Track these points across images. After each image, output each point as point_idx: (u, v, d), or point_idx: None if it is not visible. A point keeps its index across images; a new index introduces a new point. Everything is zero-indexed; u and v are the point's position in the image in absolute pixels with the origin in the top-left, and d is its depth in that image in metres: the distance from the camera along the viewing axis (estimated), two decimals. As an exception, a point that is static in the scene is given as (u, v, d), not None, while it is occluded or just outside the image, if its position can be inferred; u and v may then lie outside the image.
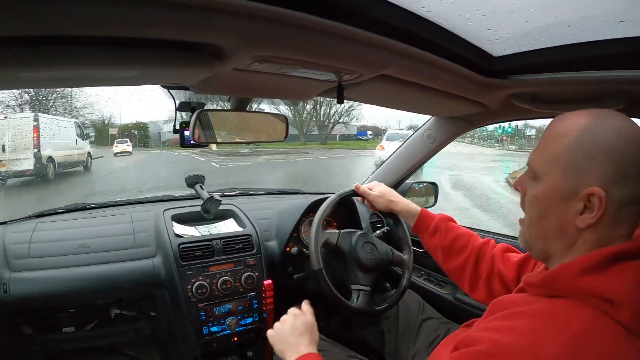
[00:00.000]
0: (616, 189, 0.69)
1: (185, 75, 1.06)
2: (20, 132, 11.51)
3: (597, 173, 0.70)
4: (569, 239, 0.75)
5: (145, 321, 1.85)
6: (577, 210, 0.72)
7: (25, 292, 1.50)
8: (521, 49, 1.12)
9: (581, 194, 0.71)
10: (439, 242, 1.39)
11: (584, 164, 0.71)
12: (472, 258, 1.31)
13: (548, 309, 0.71)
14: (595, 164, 0.70)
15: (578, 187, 0.72)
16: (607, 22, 0.91)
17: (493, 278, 1.24)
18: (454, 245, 1.36)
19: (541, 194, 0.78)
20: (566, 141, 0.74)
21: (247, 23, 0.73)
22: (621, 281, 0.68)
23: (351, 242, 1.58)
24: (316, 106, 31.06)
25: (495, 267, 1.24)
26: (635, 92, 1.10)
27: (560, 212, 0.75)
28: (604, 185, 0.69)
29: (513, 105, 1.36)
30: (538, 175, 0.79)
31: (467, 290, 1.33)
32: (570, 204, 0.73)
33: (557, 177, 0.75)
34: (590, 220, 0.71)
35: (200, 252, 1.72)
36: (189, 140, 1.27)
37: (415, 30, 0.94)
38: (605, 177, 0.70)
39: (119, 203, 2.10)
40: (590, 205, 0.71)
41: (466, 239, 1.36)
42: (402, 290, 1.61)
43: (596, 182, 0.70)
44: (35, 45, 0.71)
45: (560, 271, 0.73)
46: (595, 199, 0.70)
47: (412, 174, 2.16)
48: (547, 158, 0.77)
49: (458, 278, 1.35)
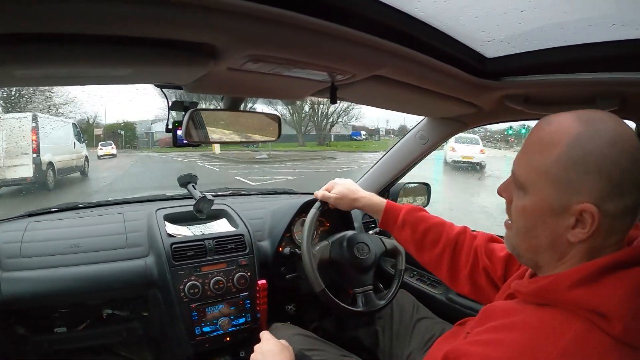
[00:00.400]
0: (610, 203, 0.67)
1: (179, 75, 1.05)
2: (15, 133, 10.20)
3: (589, 188, 0.67)
4: (560, 252, 0.74)
5: (137, 321, 1.84)
6: (568, 225, 0.70)
7: (17, 291, 1.49)
8: (514, 51, 1.13)
9: (573, 210, 0.69)
10: (409, 236, 1.34)
11: (576, 178, 0.68)
12: (448, 250, 1.27)
13: (539, 321, 0.70)
14: (587, 178, 0.67)
15: (569, 202, 0.69)
16: (599, 24, 0.91)
17: (478, 273, 1.20)
18: (426, 237, 1.31)
19: (529, 207, 0.75)
20: (555, 152, 0.70)
21: (241, 22, 0.72)
22: (613, 293, 0.66)
23: (343, 248, 1.59)
24: (314, 105, 29.86)
25: (480, 262, 1.19)
26: (627, 93, 1.11)
27: (550, 227, 0.73)
28: (597, 201, 0.66)
29: (506, 106, 1.37)
30: (524, 186, 0.75)
31: (447, 283, 1.30)
32: (561, 219, 0.71)
33: (547, 191, 0.71)
34: (583, 236, 0.69)
35: (193, 252, 1.71)
36: (181, 140, 1.27)
37: (409, 31, 0.94)
38: (598, 192, 0.66)
39: (110, 202, 2.09)
40: (583, 220, 0.68)
41: (439, 230, 1.30)
42: (400, 276, 1.65)
43: (589, 198, 0.67)
44: (28, 43, 0.70)
45: (552, 283, 0.72)
46: (587, 214, 0.67)
47: (405, 174, 2.15)
48: (534, 168, 0.73)
49: (435, 270, 1.32)
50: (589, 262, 0.70)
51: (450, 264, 1.26)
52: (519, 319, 0.73)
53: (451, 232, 1.29)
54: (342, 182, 1.54)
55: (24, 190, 10.33)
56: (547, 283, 0.73)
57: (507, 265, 1.12)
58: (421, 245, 1.32)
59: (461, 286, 1.25)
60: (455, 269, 1.25)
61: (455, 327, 1.12)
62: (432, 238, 1.30)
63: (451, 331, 1.12)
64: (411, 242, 1.35)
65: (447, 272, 1.27)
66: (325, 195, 1.53)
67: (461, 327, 1.06)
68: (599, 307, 0.66)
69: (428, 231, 1.31)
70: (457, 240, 1.27)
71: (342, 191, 1.50)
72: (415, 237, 1.33)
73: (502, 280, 1.11)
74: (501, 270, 1.13)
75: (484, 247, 1.20)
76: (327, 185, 1.56)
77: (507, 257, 1.13)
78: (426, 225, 1.32)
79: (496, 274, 1.15)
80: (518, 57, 1.13)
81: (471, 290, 1.22)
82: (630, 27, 0.89)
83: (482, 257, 1.19)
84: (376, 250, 1.63)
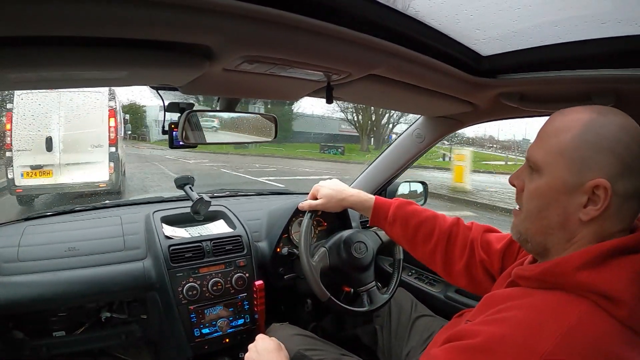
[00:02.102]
0: (620, 182, 0.69)
1: (175, 76, 1.05)
2: (83, 117, 7.01)
3: (602, 166, 0.70)
4: (570, 232, 0.75)
5: (136, 324, 1.84)
6: (580, 203, 0.72)
7: (15, 296, 1.48)
8: (509, 49, 1.13)
9: (586, 186, 0.71)
10: (401, 232, 1.33)
11: (589, 157, 0.71)
12: (441, 243, 1.25)
13: (544, 302, 0.71)
14: (600, 156, 0.70)
15: (583, 180, 0.71)
16: (594, 21, 0.92)
17: (474, 267, 1.19)
18: (418, 232, 1.29)
19: (544, 187, 0.77)
20: (570, 134, 0.74)
21: (236, 23, 0.73)
22: (619, 277, 0.68)
23: (341, 252, 1.59)
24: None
25: (477, 255, 1.18)
26: (623, 90, 1.11)
27: (563, 205, 0.75)
28: (609, 178, 0.69)
29: (502, 104, 1.37)
30: (540, 167, 0.78)
31: (443, 276, 1.28)
32: (574, 197, 0.73)
33: (562, 170, 0.74)
34: (594, 213, 0.71)
35: (191, 254, 1.71)
36: (177, 142, 1.27)
37: (404, 29, 0.94)
38: (610, 170, 0.70)
39: (107, 205, 2.08)
40: (594, 198, 0.71)
41: (431, 223, 1.28)
42: (400, 265, 1.67)
43: (601, 175, 0.70)
44: (23, 47, 0.70)
45: (558, 265, 0.73)
46: (600, 191, 0.70)
47: (401, 173, 2.16)
48: (550, 151, 0.76)
49: (430, 264, 1.30)
50: (595, 245, 0.72)
51: (444, 257, 1.25)
52: (524, 301, 0.73)
53: (444, 225, 1.27)
54: (327, 183, 1.51)
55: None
56: (552, 265, 0.74)
57: (505, 257, 1.12)
58: (414, 241, 1.31)
59: (457, 279, 1.24)
60: (450, 262, 1.24)
61: (453, 319, 1.12)
62: (425, 232, 1.28)
63: (450, 323, 1.12)
64: (403, 238, 1.34)
65: (441, 266, 1.26)
66: (311, 205, 1.51)
67: (460, 318, 1.06)
68: (606, 290, 0.67)
69: (420, 226, 1.29)
70: (450, 232, 1.26)
71: (329, 193, 1.47)
72: (407, 233, 1.31)
73: (499, 273, 1.11)
74: (498, 263, 1.13)
75: (480, 239, 1.20)
76: (312, 191, 1.53)
77: (504, 249, 1.13)
78: (418, 220, 1.30)
79: (493, 267, 1.14)
80: (513, 54, 1.13)
81: (468, 284, 1.22)
82: (624, 24, 0.90)
83: (478, 250, 1.19)
84: (373, 245, 1.63)
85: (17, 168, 6.78)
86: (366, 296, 1.58)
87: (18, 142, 6.72)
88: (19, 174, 6.78)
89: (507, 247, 1.12)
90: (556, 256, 0.77)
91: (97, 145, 7.18)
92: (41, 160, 6.88)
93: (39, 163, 6.88)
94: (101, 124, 7.19)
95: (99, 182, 7.20)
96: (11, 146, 6.73)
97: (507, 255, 1.12)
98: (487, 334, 0.70)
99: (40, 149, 6.84)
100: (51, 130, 6.86)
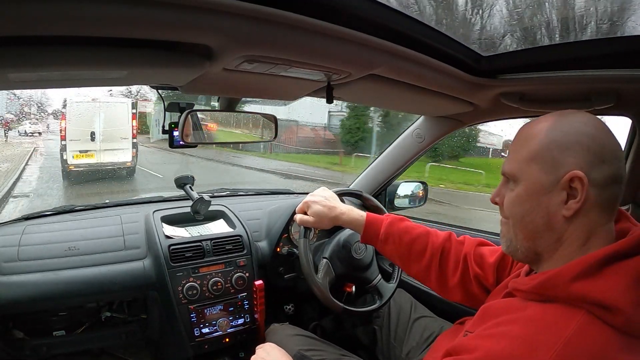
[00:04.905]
0: (595, 171, 0.72)
1: (175, 76, 1.05)
2: (115, 118, 10.16)
3: (573, 160, 0.73)
4: (557, 232, 0.76)
5: (136, 324, 1.84)
6: (561, 200, 0.74)
7: (15, 295, 1.48)
8: (509, 49, 1.13)
9: (562, 182, 0.73)
10: (394, 250, 1.30)
11: (560, 154, 0.74)
12: (435, 260, 1.23)
13: (540, 316, 0.71)
14: (570, 152, 0.73)
15: (558, 176, 0.74)
16: (594, 21, 0.92)
17: (469, 282, 1.18)
18: (412, 250, 1.26)
19: (523, 193, 0.79)
20: (537, 140, 0.77)
21: (236, 23, 0.73)
22: (614, 284, 0.68)
23: (342, 258, 1.61)
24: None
25: (471, 270, 1.17)
26: (623, 90, 1.11)
27: (544, 206, 0.76)
28: (583, 169, 0.72)
29: (502, 104, 1.37)
30: (516, 176, 0.80)
31: (438, 292, 1.26)
32: (554, 196, 0.75)
33: (537, 173, 0.77)
34: (576, 206, 0.73)
35: (191, 254, 1.70)
36: (178, 142, 1.27)
37: (404, 29, 0.94)
38: (582, 162, 0.72)
39: (107, 204, 2.08)
40: (573, 192, 0.73)
41: (424, 240, 1.26)
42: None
43: (574, 168, 0.72)
44: (22, 46, 0.70)
45: (553, 278, 0.73)
46: (576, 183, 0.72)
47: (401, 174, 2.16)
48: (522, 160, 0.79)
49: (424, 281, 1.27)
50: (589, 254, 0.72)
51: (438, 273, 1.23)
52: (520, 315, 0.74)
53: (436, 241, 1.25)
54: (316, 198, 1.44)
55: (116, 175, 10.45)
56: (547, 278, 0.74)
57: (498, 270, 1.12)
58: (407, 258, 1.28)
59: (452, 295, 1.22)
60: (444, 278, 1.22)
61: (455, 326, 1.12)
62: (418, 249, 1.26)
63: (451, 329, 1.12)
64: (396, 255, 1.31)
65: (436, 282, 1.24)
66: (303, 220, 1.44)
67: (461, 326, 1.06)
68: (601, 299, 0.67)
69: (413, 243, 1.27)
70: (442, 248, 1.24)
71: (320, 211, 1.40)
72: (401, 251, 1.29)
73: (494, 287, 1.10)
74: (492, 276, 1.13)
75: (473, 254, 1.19)
76: (301, 205, 1.46)
77: (498, 262, 1.13)
78: (410, 237, 1.27)
79: (488, 281, 1.14)
80: (513, 54, 1.13)
81: (463, 298, 1.21)
82: (624, 25, 0.90)
83: (472, 265, 1.18)
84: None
85: (69, 152, 9.86)
86: (376, 292, 1.61)
87: (70, 134, 9.82)
88: (70, 156, 9.87)
89: (501, 260, 1.13)
90: (548, 259, 0.78)
91: (124, 138, 10.32)
92: (87, 147, 9.99)
93: (85, 148, 9.99)
94: (127, 123, 10.40)
95: (125, 161, 10.47)
96: (65, 137, 9.81)
97: (501, 268, 1.12)
98: (485, 350, 0.71)
99: (86, 139, 9.94)
100: (94, 127, 10.01)
